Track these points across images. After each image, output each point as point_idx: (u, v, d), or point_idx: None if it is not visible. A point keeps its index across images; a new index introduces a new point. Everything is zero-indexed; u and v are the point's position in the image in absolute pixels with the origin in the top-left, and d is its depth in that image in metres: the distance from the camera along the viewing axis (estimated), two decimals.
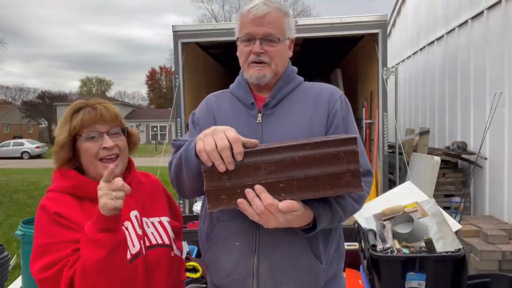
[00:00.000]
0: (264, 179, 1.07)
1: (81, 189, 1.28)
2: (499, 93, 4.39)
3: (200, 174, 1.11)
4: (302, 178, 1.06)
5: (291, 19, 1.39)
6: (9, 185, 11.87)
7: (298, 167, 1.06)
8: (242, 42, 1.36)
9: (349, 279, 3.03)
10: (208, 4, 43.50)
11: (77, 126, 1.28)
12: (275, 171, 1.07)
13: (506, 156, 4.47)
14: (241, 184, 1.08)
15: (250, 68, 1.34)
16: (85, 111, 1.30)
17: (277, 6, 1.35)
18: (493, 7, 4.85)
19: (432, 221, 2.43)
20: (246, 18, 1.33)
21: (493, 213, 4.73)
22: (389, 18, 9.04)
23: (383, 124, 4.56)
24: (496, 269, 3.54)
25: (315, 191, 1.07)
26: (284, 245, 1.26)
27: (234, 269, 1.30)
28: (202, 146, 1.08)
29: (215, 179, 1.08)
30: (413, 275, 2.26)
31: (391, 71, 4.62)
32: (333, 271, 1.37)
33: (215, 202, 1.10)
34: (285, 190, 1.07)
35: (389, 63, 5.79)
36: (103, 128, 1.31)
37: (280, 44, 1.34)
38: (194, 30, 4.95)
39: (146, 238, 1.32)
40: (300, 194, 1.07)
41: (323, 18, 4.78)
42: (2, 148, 27.07)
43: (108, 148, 1.29)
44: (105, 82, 67.79)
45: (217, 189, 1.09)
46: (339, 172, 1.05)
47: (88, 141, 1.29)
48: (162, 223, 1.40)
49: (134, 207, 1.34)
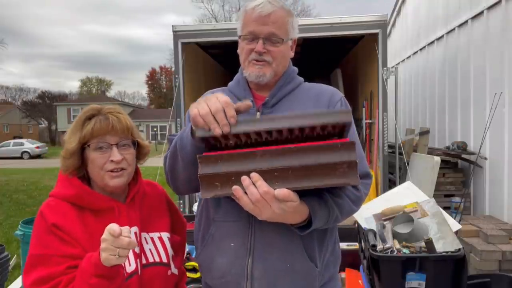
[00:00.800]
0: (259, 166, 1.05)
1: (83, 199, 1.26)
2: (499, 93, 4.39)
3: (195, 162, 1.10)
4: (298, 167, 1.04)
5: (294, 19, 1.37)
6: (9, 185, 11.87)
7: (294, 155, 1.04)
8: (244, 40, 1.33)
9: (349, 279, 3.03)
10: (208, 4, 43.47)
11: (87, 135, 1.26)
12: (270, 159, 1.05)
13: (506, 156, 4.47)
14: (235, 171, 1.06)
15: (251, 66, 1.32)
16: (97, 120, 1.27)
17: (282, 5, 1.32)
18: (493, 7, 4.84)
19: (432, 221, 2.43)
20: (250, 16, 1.30)
21: (493, 213, 4.73)
22: (389, 18, 9.03)
23: (383, 124, 4.56)
24: (496, 269, 3.54)
25: (310, 181, 1.05)
26: (279, 247, 1.25)
27: (228, 270, 1.28)
28: (197, 111, 1.08)
29: (210, 166, 1.07)
30: (413, 275, 2.26)
31: (391, 71, 4.62)
32: (329, 274, 1.36)
33: (209, 188, 1.07)
34: (279, 179, 1.05)
35: (389, 63, 5.79)
36: (113, 139, 1.28)
37: (283, 45, 1.32)
38: (194, 30, 4.95)
39: (143, 255, 1.29)
40: (295, 183, 1.05)
41: (323, 18, 4.78)
42: (2, 148, 27.07)
43: (115, 162, 1.26)
44: (105, 82, 67.83)
45: (211, 175, 1.06)
46: (335, 162, 1.04)
47: (97, 151, 1.26)
48: (162, 240, 1.36)
49: (135, 223, 1.30)
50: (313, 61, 7.46)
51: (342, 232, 4.16)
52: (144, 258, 1.29)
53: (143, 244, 1.31)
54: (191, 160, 1.16)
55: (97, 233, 1.18)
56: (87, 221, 1.24)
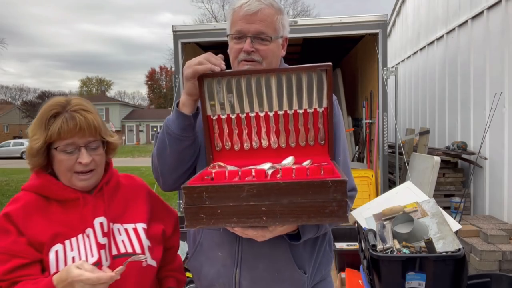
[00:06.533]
0: (246, 202, 1.03)
1: (48, 190, 1.24)
2: (499, 93, 4.39)
3: (181, 137, 1.16)
4: (286, 203, 1.02)
5: (285, 16, 1.33)
6: (9, 185, 11.87)
7: (282, 191, 1.02)
8: (232, 39, 1.31)
9: (349, 279, 3.03)
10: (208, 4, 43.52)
11: (53, 136, 1.20)
12: (257, 194, 1.02)
13: (506, 156, 4.47)
14: (221, 204, 1.04)
15: (240, 66, 1.29)
16: (63, 120, 1.20)
17: (270, 2, 1.28)
18: (493, 7, 4.84)
19: (432, 221, 2.43)
20: (237, 14, 1.28)
21: (493, 213, 4.73)
22: (389, 18, 9.03)
23: (383, 124, 4.56)
24: (496, 269, 3.54)
25: (297, 218, 1.02)
26: (267, 257, 1.25)
27: (216, 279, 1.29)
28: (191, 66, 1.19)
29: (195, 197, 1.05)
30: (413, 275, 2.25)
31: (391, 71, 4.62)
32: (321, 275, 1.36)
33: (193, 221, 1.05)
34: (267, 214, 1.03)
35: (389, 63, 5.79)
36: (82, 141, 1.22)
37: (272, 43, 1.29)
38: (194, 30, 4.95)
39: (115, 246, 1.26)
40: (282, 220, 1.03)
41: (323, 18, 4.78)
42: (2, 148, 27.07)
43: (84, 164, 1.22)
44: (105, 82, 67.86)
45: (197, 207, 1.05)
46: (324, 201, 1.01)
47: (64, 153, 1.21)
48: (137, 230, 1.31)
49: (102, 213, 1.27)
50: (313, 61, 7.45)
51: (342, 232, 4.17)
52: (115, 249, 1.25)
53: (115, 235, 1.28)
54: (177, 136, 1.22)
55: (59, 224, 1.21)
56: (51, 211, 1.23)
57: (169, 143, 1.24)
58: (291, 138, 1.26)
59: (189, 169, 1.31)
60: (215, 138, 1.28)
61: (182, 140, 1.23)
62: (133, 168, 14.78)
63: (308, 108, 1.23)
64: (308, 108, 1.23)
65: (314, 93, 1.22)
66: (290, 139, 1.26)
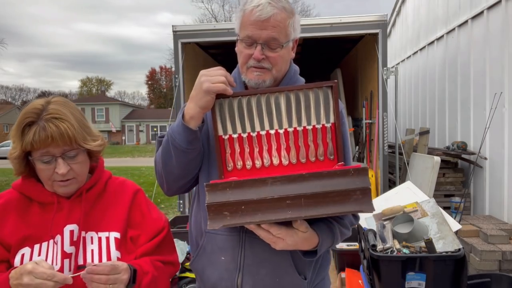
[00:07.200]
0: (270, 195, 1.02)
1: (27, 190, 1.24)
2: (499, 93, 4.39)
3: (187, 150, 1.13)
4: (310, 194, 1.01)
5: (296, 18, 1.27)
6: (9, 185, 11.83)
7: (305, 182, 1.01)
8: (242, 43, 1.25)
9: (349, 279, 3.03)
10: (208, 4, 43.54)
11: (27, 147, 1.17)
12: (281, 186, 1.02)
13: (506, 156, 4.47)
14: (245, 199, 1.02)
15: (249, 72, 1.25)
16: (36, 130, 1.15)
17: (283, 6, 1.22)
18: (493, 7, 4.84)
19: (432, 221, 2.43)
20: (247, 18, 1.21)
21: (493, 213, 4.73)
22: (389, 18, 9.03)
23: (383, 124, 4.56)
24: (496, 269, 3.54)
25: (323, 209, 1.02)
26: (269, 263, 1.25)
27: (219, 283, 1.29)
28: (215, 83, 1.16)
29: (218, 194, 1.03)
30: (413, 275, 2.26)
31: (391, 71, 4.63)
32: (320, 278, 1.37)
33: (217, 218, 1.03)
34: (292, 207, 1.02)
35: (389, 63, 5.79)
36: (57, 151, 1.18)
37: (283, 49, 1.24)
38: (194, 30, 4.96)
39: (82, 256, 1.22)
40: (309, 212, 1.01)
41: (323, 18, 4.79)
42: (2, 148, 27.04)
43: (61, 174, 1.19)
44: (105, 82, 67.87)
45: (220, 204, 1.02)
46: (348, 189, 1.01)
47: (41, 163, 1.19)
48: (108, 240, 1.26)
49: (75, 221, 1.23)
50: (313, 61, 7.46)
51: None
52: (82, 259, 1.22)
53: (86, 244, 1.24)
54: (184, 147, 1.19)
55: (33, 226, 1.22)
56: (30, 212, 1.23)
57: (175, 155, 1.22)
58: (301, 154, 1.26)
59: (194, 177, 1.32)
60: (226, 158, 1.26)
61: (188, 153, 1.22)
62: (133, 168, 14.78)
63: (316, 124, 1.23)
64: (317, 124, 1.23)
65: (321, 109, 1.23)
66: (300, 155, 1.26)
